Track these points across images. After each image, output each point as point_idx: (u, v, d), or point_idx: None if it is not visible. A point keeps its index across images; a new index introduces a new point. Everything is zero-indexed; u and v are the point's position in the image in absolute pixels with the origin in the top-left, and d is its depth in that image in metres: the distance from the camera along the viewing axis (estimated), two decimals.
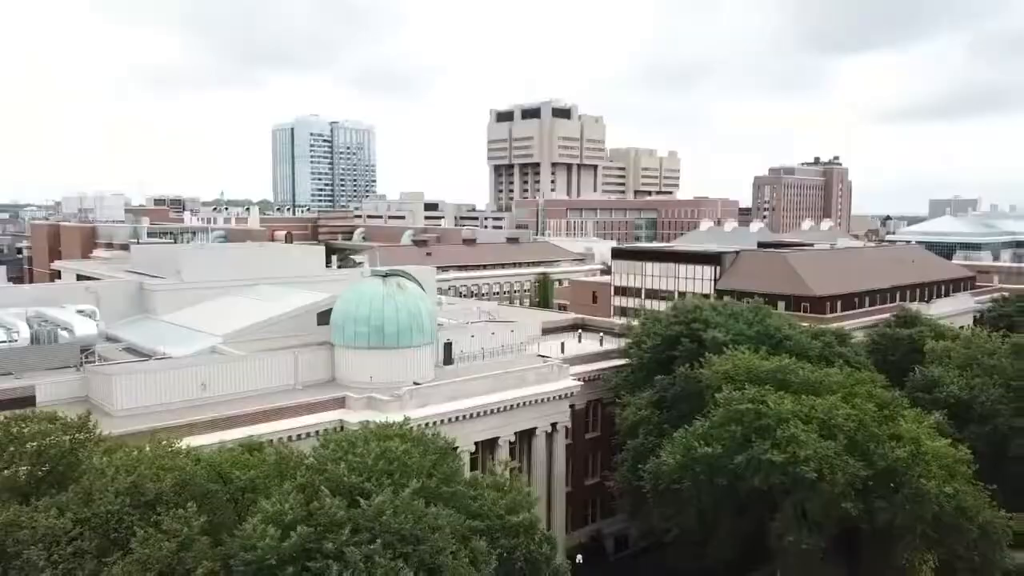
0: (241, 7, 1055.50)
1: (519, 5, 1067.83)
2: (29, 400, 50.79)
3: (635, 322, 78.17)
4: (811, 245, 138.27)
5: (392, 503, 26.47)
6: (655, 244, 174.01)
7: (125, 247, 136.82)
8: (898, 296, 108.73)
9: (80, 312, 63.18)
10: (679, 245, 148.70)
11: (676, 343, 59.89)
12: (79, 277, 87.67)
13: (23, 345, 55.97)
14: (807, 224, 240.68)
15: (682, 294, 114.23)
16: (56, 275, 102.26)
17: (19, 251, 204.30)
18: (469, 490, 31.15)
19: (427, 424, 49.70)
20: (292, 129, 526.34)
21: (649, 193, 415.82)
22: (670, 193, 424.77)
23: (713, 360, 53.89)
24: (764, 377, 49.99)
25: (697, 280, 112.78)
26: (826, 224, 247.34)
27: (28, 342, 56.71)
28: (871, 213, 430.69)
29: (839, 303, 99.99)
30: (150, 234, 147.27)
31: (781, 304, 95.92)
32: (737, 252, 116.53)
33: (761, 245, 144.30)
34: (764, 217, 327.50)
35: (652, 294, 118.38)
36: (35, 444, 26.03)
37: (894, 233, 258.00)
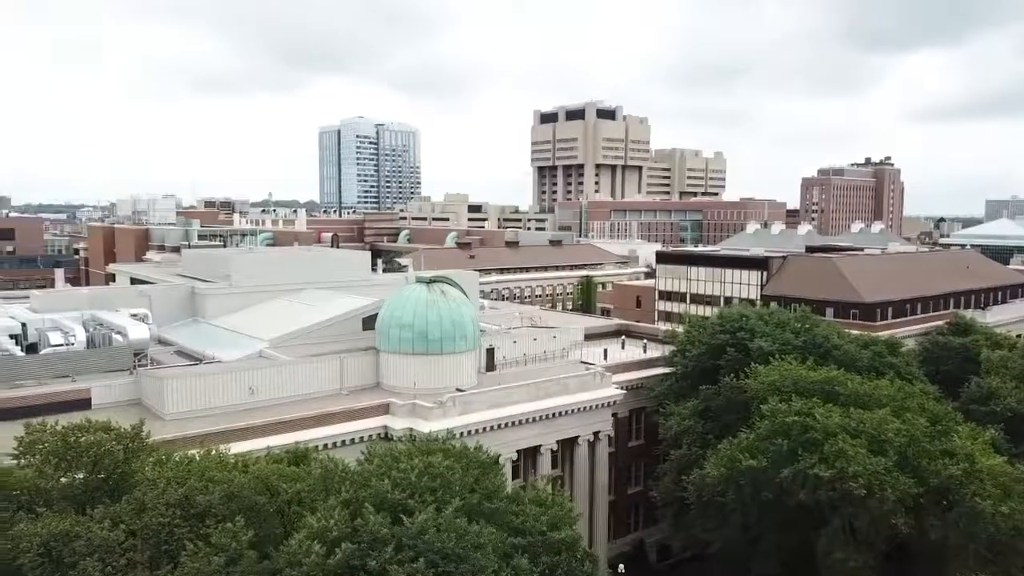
0: (289, 10, 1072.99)
1: (563, 6, 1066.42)
2: (85, 403, 52.35)
3: (679, 328, 77.53)
4: (861, 249, 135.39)
5: (435, 521, 26.64)
6: (700, 248, 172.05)
7: (176, 249, 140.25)
8: (952, 303, 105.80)
9: (133, 316, 64.90)
10: (724, 249, 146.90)
11: (721, 352, 59.17)
12: (133, 280, 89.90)
13: (79, 349, 57.68)
14: (857, 226, 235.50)
15: (728, 299, 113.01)
16: (111, 278, 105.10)
17: (76, 252, 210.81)
18: (511, 506, 31.18)
19: (469, 432, 50.04)
20: (338, 131, 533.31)
21: (694, 194, 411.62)
22: (716, 194, 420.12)
23: (759, 371, 53.13)
24: (811, 389, 49.13)
25: (743, 285, 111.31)
26: (877, 227, 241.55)
27: (84, 345, 58.46)
28: (924, 215, 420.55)
29: (890, 310, 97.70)
30: (200, 236, 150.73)
31: (829, 311, 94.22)
32: (784, 257, 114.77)
33: (809, 249, 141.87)
34: (812, 219, 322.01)
35: (697, 299, 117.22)
36: (90, 454, 26.82)
37: (948, 236, 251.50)
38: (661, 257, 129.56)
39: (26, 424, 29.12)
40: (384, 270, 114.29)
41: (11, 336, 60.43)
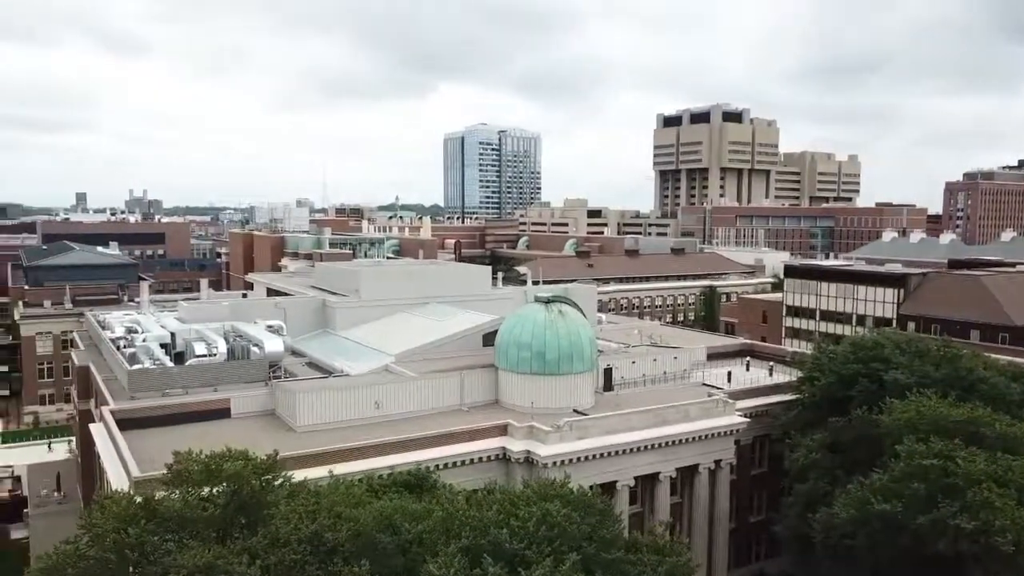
0: (414, 16, 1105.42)
1: (686, 5, 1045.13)
2: (225, 412, 55.88)
3: (808, 349, 74.35)
4: (1012, 265, 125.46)
5: (552, 575, 26.75)
6: (832, 262, 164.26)
7: (309, 256, 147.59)
8: None
9: (269, 327, 68.70)
10: (859, 264, 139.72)
11: (853, 382, 56.27)
12: (269, 291, 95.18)
13: (220, 360, 61.57)
14: (1008, 235, 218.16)
15: (861, 317, 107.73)
16: (249, 286, 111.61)
17: (218, 255, 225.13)
18: (628, 555, 30.85)
19: (586, 457, 49.91)
20: (462, 138, 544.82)
21: (826, 200, 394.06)
22: (849, 200, 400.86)
23: (895, 405, 50.11)
24: (953, 429, 45.87)
25: (878, 303, 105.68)
26: None
27: (225, 357, 62.38)
28: None
29: None
30: (331, 244, 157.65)
31: (974, 334, 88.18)
32: (924, 273, 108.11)
33: (952, 263, 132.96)
34: (956, 227, 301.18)
35: (828, 316, 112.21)
36: (230, 486, 28.63)
37: None
38: (790, 271, 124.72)
39: (175, 453, 31.44)
40: (503, 278, 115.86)
41: (162, 345, 65.36)
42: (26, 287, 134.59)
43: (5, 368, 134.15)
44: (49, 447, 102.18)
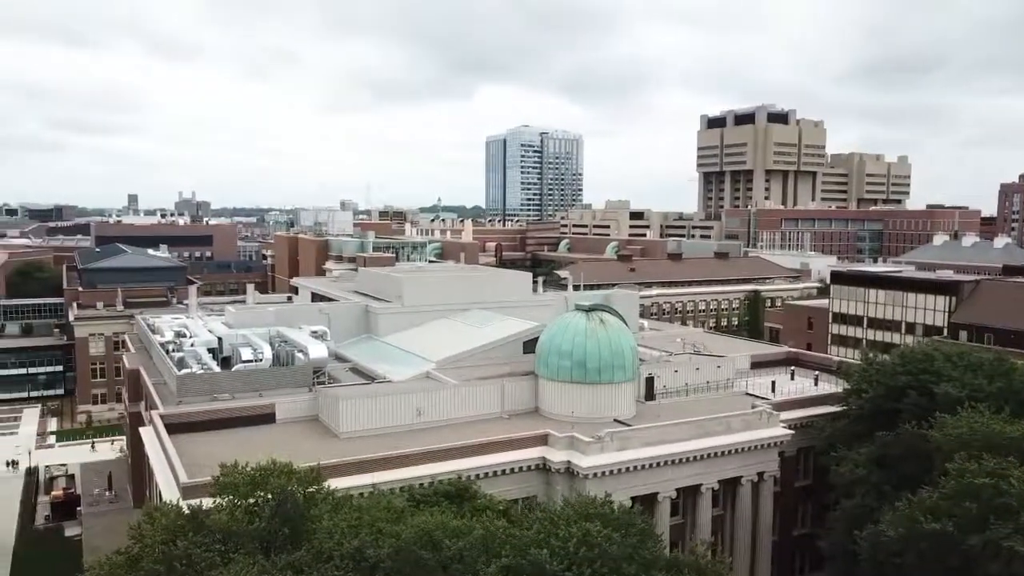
0: (457, 18, 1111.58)
1: (734, 5, 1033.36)
2: (270, 417, 56.81)
3: (855, 357, 72.81)
4: None
5: None
6: (880, 266, 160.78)
7: (353, 260, 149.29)
8: None
9: (313, 333, 69.62)
10: (908, 269, 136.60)
11: (902, 395, 54.91)
12: (314, 296, 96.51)
13: (266, 366, 62.60)
14: None
15: (910, 325, 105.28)
16: (294, 290, 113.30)
17: (264, 257, 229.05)
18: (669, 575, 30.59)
19: (627, 469, 49.61)
20: (504, 140, 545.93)
21: (875, 202, 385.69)
22: (898, 202, 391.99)
23: (945, 420, 48.77)
24: (1007, 446, 44.47)
25: (929, 311, 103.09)
26: None
27: (270, 363, 63.42)
28: None
29: None
30: (375, 248, 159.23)
31: None
32: (977, 280, 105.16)
33: (1007, 269, 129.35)
34: (1012, 230, 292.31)
35: (876, 323, 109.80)
36: (274, 500, 29.13)
37: None
38: (837, 277, 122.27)
39: (221, 465, 32.07)
40: (544, 282, 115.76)
41: (209, 350, 66.71)
42: (80, 289, 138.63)
43: (60, 368, 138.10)
44: (92, 447, 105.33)
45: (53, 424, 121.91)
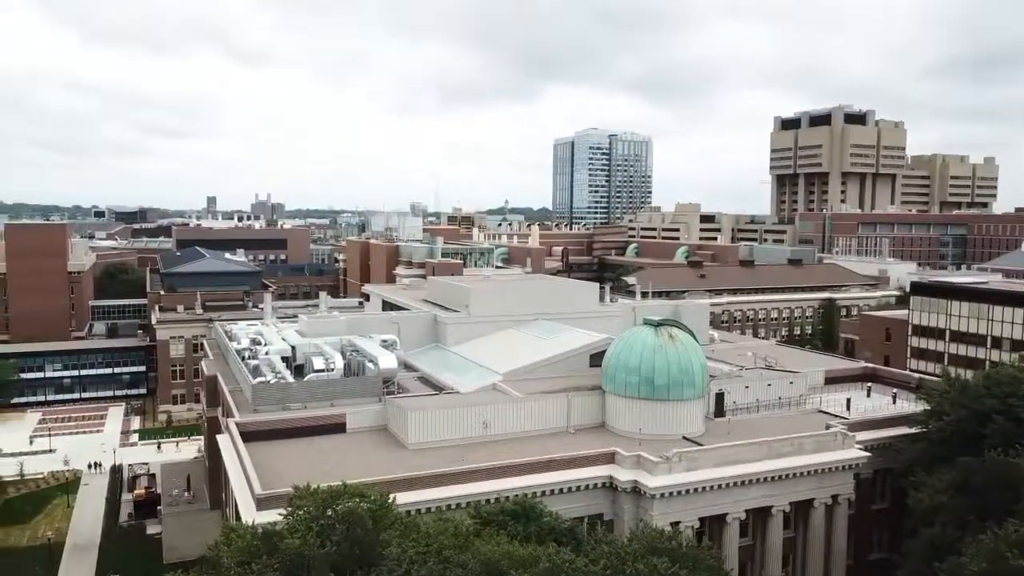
0: (525, 19, 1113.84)
1: (808, 6, 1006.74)
2: (340, 427, 58.02)
3: (936, 371, 69.94)
4: None
5: None
6: (964, 274, 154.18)
7: (422, 265, 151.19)
8: None
9: (384, 342, 70.69)
10: (995, 276, 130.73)
11: (987, 419, 52.54)
12: (384, 304, 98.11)
13: (338, 376, 63.90)
14: None
15: (996, 339, 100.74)
16: (365, 297, 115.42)
17: (336, 261, 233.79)
18: None
19: (695, 489, 48.86)
20: (572, 143, 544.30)
21: (959, 206, 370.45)
22: (985, 205, 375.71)
23: None
24: None
25: (1017, 325, 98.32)
26: None
27: (341, 372, 64.70)
28: None
29: None
30: (444, 254, 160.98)
31: None
32: None
33: None
34: None
35: (959, 337, 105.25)
36: (344, 523, 29.68)
37: None
38: (917, 288, 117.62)
39: (294, 487, 32.86)
40: (611, 288, 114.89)
41: (283, 358, 68.46)
42: (162, 292, 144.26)
43: (143, 368, 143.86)
44: (159, 447, 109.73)
45: (136, 423, 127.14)
